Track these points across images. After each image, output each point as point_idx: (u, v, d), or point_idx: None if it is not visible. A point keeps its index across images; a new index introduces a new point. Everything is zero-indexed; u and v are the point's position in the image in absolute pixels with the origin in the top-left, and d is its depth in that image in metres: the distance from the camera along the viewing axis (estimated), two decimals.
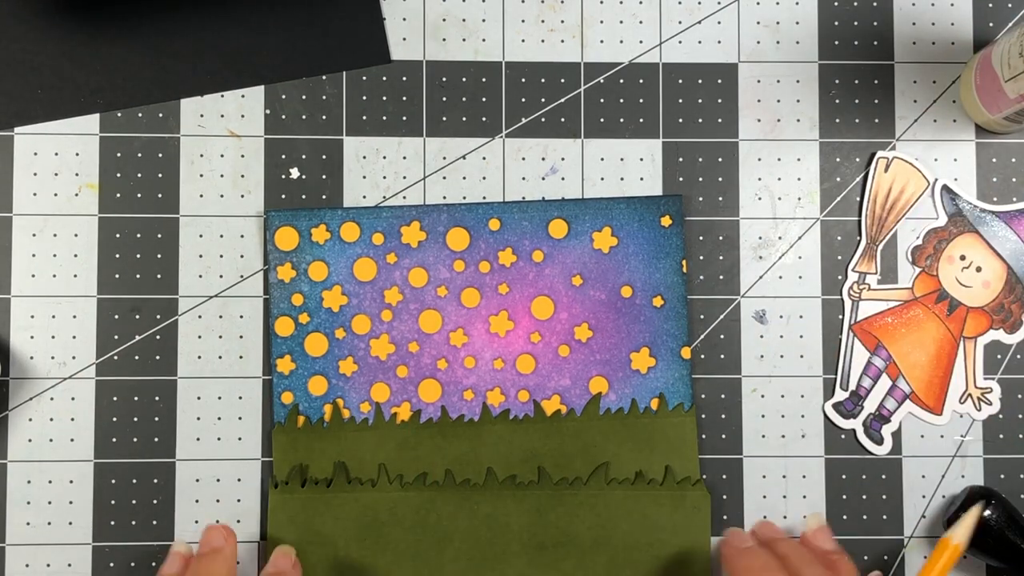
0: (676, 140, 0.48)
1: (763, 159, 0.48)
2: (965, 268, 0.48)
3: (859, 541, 0.47)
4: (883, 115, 0.49)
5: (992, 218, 0.48)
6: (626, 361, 0.47)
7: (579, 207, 0.47)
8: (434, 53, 0.48)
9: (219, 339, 0.47)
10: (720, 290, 0.48)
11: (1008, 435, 0.48)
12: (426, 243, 0.47)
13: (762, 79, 0.49)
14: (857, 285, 0.48)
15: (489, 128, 0.48)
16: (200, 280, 0.47)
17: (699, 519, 0.46)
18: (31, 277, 0.47)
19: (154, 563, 0.46)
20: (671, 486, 0.46)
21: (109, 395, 0.47)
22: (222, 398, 0.47)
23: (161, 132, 0.47)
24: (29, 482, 0.46)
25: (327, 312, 0.47)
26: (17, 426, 0.46)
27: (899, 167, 0.48)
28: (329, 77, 0.48)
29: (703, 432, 0.47)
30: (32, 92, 0.47)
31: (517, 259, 0.47)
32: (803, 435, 0.48)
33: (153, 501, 0.47)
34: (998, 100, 0.45)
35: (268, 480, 0.47)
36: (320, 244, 0.47)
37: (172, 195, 0.47)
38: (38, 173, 0.47)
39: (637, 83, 0.48)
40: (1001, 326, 0.48)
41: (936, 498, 0.48)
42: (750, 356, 0.48)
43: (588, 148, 0.48)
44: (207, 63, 0.48)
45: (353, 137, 0.48)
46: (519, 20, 0.48)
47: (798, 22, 0.49)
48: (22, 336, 0.47)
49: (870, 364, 0.48)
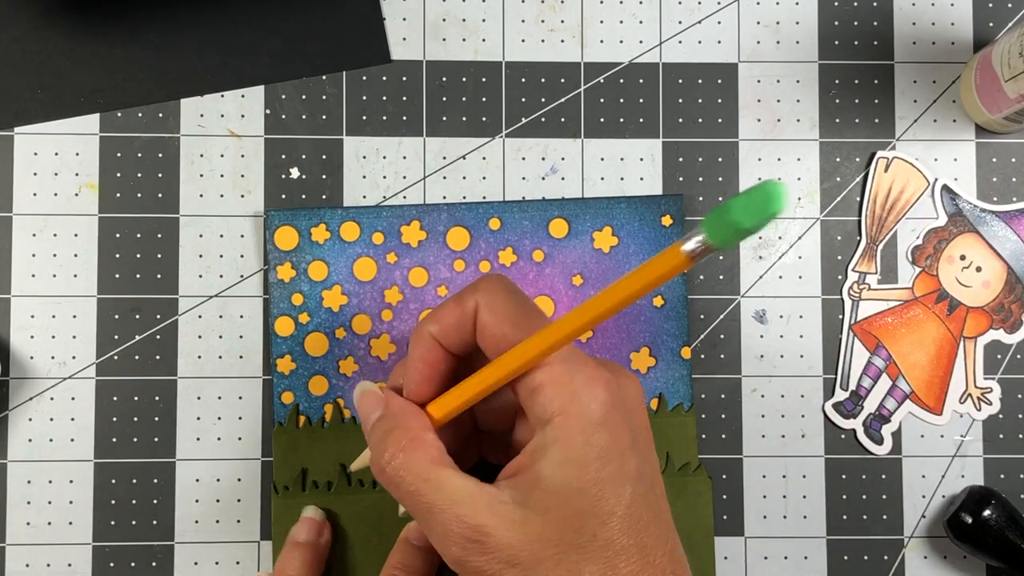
0: (676, 140, 0.48)
1: (763, 159, 0.48)
2: (965, 268, 0.48)
3: (859, 541, 0.47)
4: (883, 115, 0.49)
5: (992, 218, 0.48)
6: (626, 361, 0.47)
7: (579, 207, 0.47)
8: (434, 53, 0.48)
9: (219, 339, 0.47)
10: (720, 290, 0.48)
11: (1008, 435, 0.48)
12: (426, 243, 0.47)
13: (762, 79, 0.49)
14: (857, 285, 0.48)
15: (489, 128, 0.48)
16: (200, 280, 0.47)
17: (701, 505, 0.46)
18: (31, 277, 0.47)
19: (154, 563, 0.46)
20: (672, 473, 0.46)
21: (109, 395, 0.47)
22: (222, 398, 0.47)
23: (161, 132, 0.47)
24: (29, 482, 0.46)
25: (327, 312, 0.47)
26: (17, 426, 0.46)
27: (899, 167, 0.48)
28: (329, 77, 0.48)
29: (703, 432, 0.47)
30: (32, 92, 0.47)
31: (517, 259, 0.47)
32: (803, 435, 0.48)
33: (153, 501, 0.47)
34: (998, 100, 0.45)
35: (268, 480, 0.47)
36: (320, 244, 0.47)
37: (172, 195, 0.47)
38: (38, 173, 0.47)
39: (637, 83, 0.48)
40: (1001, 326, 0.48)
41: (936, 498, 0.48)
42: (750, 356, 0.48)
43: (588, 148, 0.48)
44: (207, 63, 0.48)
45: (353, 137, 0.48)
46: (519, 20, 0.48)
47: (798, 22, 0.49)
48: (22, 336, 0.47)
49: (870, 364, 0.48)
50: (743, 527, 0.47)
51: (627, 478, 0.32)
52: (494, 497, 0.33)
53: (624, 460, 0.32)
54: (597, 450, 0.32)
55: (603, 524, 0.32)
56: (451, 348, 0.36)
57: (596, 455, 0.32)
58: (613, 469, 0.32)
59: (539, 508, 0.32)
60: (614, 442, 0.32)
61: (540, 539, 0.32)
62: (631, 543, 0.32)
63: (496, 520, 0.32)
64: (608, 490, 0.32)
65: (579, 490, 0.32)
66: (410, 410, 0.36)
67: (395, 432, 0.35)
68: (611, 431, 0.32)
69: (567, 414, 0.32)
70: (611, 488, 0.32)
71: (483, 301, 0.34)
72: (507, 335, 0.34)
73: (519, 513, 0.32)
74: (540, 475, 0.32)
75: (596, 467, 0.32)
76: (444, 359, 0.36)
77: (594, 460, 0.32)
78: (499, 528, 0.32)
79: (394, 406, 0.36)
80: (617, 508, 0.32)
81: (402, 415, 0.35)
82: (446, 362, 0.36)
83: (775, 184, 0.26)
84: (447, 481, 0.33)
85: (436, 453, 0.34)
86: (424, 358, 0.36)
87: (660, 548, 0.32)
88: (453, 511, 0.32)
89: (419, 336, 0.36)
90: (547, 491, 0.32)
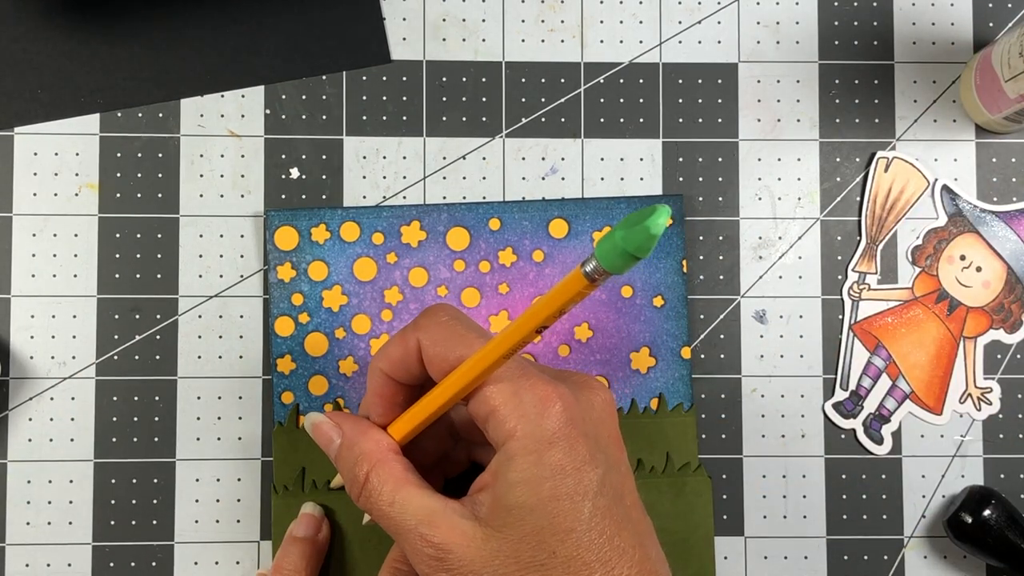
0: (676, 140, 0.48)
1: (763, 159, 0.48)
2: (965, 268, 0.48)
3: (859, 541, 0.47)
4: (883, 115, 0.49)
5: (992, 218, 0.48)
6: (626, 361, 0.47)
7: (579, 207, 0.47)
8: (434, 53, 0.48)
9: (219, 339, 0.47)
10: (720, 290, 0.48)
11: (1008, 435, 0.48)
12: (426, 243, 0.47)
13: (762, 79, 0.49)
14: (857, 285, 0.48)
15: (489, 128, 0.48)
16: (200, 280, 0.47)
17: (701, 505, 0.46)
18: (31, 277, 0.47)
19: (154, 563, 0.46)
20: (672, 473, 0.46)
21: (109, 395, 0.47)
22: (222, 398, 0.47)
23: (161, 132, 0.47)
24: (29, 482, 0.46)
25: (327, 312, 0.47)
26: (17, 426, 0.46)
27: (899, 167, 0.48)
28: (329, 77, 0.48)
29: (703, 432, 0.47)
30: (32, 92, 0.47)
31: (517, 259, 0.47)
32: (803, 435, 0.48)
33: (153, 501, 0.47)
34: (998, 100, 0.45)
35: (268, 480, 0.47)
36: (320, 244, 0.47)
37: (172, 195, 0.47)
38: (38, 173, 0.47)
39: (637, 83, 0.48)
40: (1001, 326, 0.48)
41: (936, 498, 0.48)
42: (750, 356, 0.48)
43: (588, 148, 0.48)
44: (207, 63, 0.48)
45: (353, 137, 0.48)
46: (519, 20, 0.48)
47: (798, 22, 0.49)
48: (22, 336, 0.47)
49: (870, 364, 0.48)
50: (743, 527, 0.47)
51: (586, 493, 0.33)
52: (457, 515, 0.34)
53: (581, 475, 0.33)
54: (551, 468, 0.32)
55: (562, 541, 0.32)
56: (402, 381, 0.37)
57: (550, 473, 0.32)
58: (569, 485, 0.33)
59: (498, 526, 0.33)
60: (569, 458, 0.33)
61: (500, 557, 0.32)
62: (593, 558, 0.32)
63: (456, 538, 0.33)
64: (565, 507, 0.32)
65: (534, 509, 0.32)
66: (367, 433, 0.37)
67: (359, 462, 0.36)
68: (565, 447, 0.33)
69: (518, 435, 0.33)
70: (568, 504, 0.32)
71: (423, 336, 0.36)
72: (450, 361, 0.35)
73: (480, 531, 0.33)
74: (498, 494, 0.33)
75: (550, 485, 0.32)
76: (399, 390, 0.37)
77: (548, 478, 0.32)
78: (459, 546, 0.33)
79: (351, 433, 0.37)
80: (576, 524, 0.32)
81: (361, 440, 0.37)
82: (402, 393, 0.38)
83: (655, 208, 0.27)
84: (411, 501, 0.34)
85: (400, 473, 0.35)
86: (379, 392, 0.38)
87: (626, 560, 0.33)
88: (417, 530, 0.34)
89: (372, 372, 0.38)
90: (506, 509, 0.33)
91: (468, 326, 0.35)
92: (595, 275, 0.29)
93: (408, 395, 0.38)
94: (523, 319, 0.32)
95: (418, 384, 0.38)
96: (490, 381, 0.34)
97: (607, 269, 0.29)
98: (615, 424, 0.36)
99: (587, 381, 0.36)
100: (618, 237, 0.28)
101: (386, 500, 0.35)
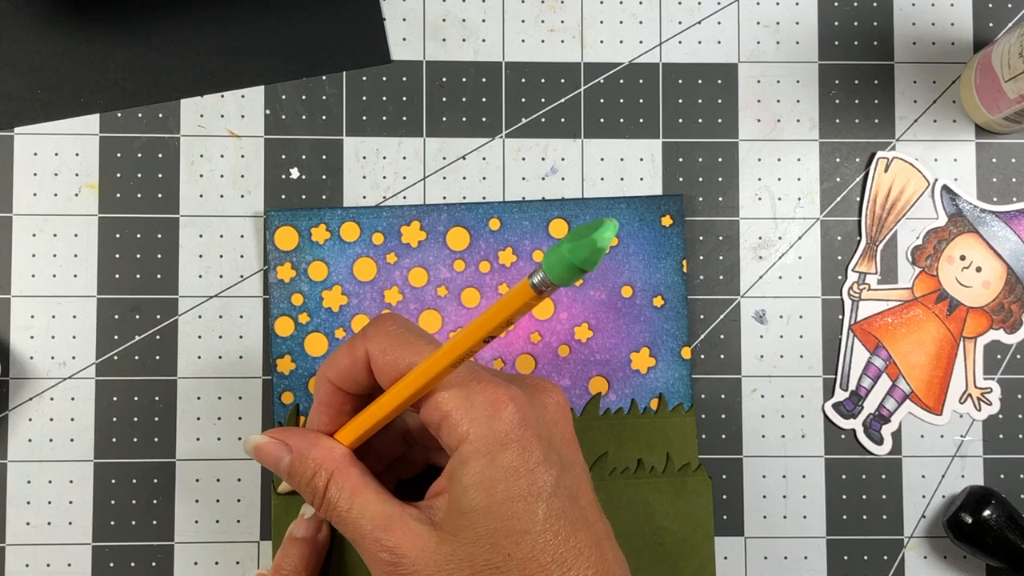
0: (676, 140, 0.48)
1: (763, 159, 0.48)
2: (965, 268, 0.48)
3: (859, 541, 0.47)
4: (883, 115, 0.49)
5: (992, 218, 0.48)
6: (626, 361, 0.47)
7: (579, 207, 0.47)
8: (434, 53, 0.48)
9: (219, 339, 0.47)
10: (720, 290, 0.48)
11: (1008, 435, 0.48)
12: (426, 243, 0.47)
13: (762, 79, 0.49)
14: (857, 285, 0.48)
15: (489, 128, 0.48)
16: (200, 280, 0.47)
17: (701, 505, 0.46)
18: (31, 277, 0.47)
19: (154, 563, 0.46)
20: (672, 473, 0.46)
21: (109, 395, 0.47)
22: (222, 398, 0.47)
23: (161, 132, 0.47)
24: (29, 482, 0.46)
25: (327, 312, 0.47)
26: (17, 426, 0.46)
27: (899, 167, 0.48)
28: (329, 77, 0.48)
29: (703, 432, 0.47)
30: (32, 92, 0.47)
31: (517, 259, 0.47)
32: (803, 435, 0.48)
33: (153, 501, 0.47)
34: (998, 100, 0.45)
35: (268, 480, 0.47)
36: (320, 244, 0.47)
37: (172, 195, 0.47)
38: (38, 173, 0.47)
39: (637, 83, 0.48)
40: (1001, 326, 0.48)
41: (936, 498, 0.48)
42: (750, 356, 0.48)
43: (588, 148, 0.48)
44: (207, 63, 0.48)
45: (353, 137, 0.48)
46: (519, 20, 0.48)
47: (798, 22, 0.49)
48: (22, 336, 0.47)
49: (870, 364, 0.48)
50: (743, 527, 0.47)
51: (540, 494, 0.33)
52: (412, 519, 0.34)
53: (534, 477, 0.33)
54: (504, 470, 0.33)
55: (516, 544, 0.32)
56: (349, 391, 0.37)
57: (503, 475, 0.33)
58: (523, 487, 0.33)
59: (453, 530, 0.33)
60: (522, 460, 0.33)
61: (455, 561, 0.33)
62: (549, 559, 0.32)
63: (410, 542, 0.33)
64: (519, 508, 0.32)
65: (488, 511, 0.32)
66: (317, 443, 0.37)
67: (317, 472, 0.36)
68: (518, 449, 0.33)
69: (471, 438, 0.33)
70: (522, 506, 0.32)
71: (372, 346, 0.36)
72: (400, 369, 0.35)
73: (434, 535, 0.33)
74: (453, 497, 0.33)
75: (504, 487, 0.32)
76: (346, 400, 0.38)
77: (501, 480, 0.32)
78: (413, 550, 0.33)
79: (300, 445, 0.37)
80: (530, 526, 0.32)
81: (312, 451, 0.37)
82: (349, 402, 0.38)
83: (603, 222, 0.28)
84: (366, 507, 0.34)
85: (357, 478, 0.36)
86: (326, 402, 0.38)
87: (582, 560, 0.33)
88: (373, 535, 0.34)
89: (318, 382, 0.38)
90: (460, 513, 0.33)
91: (417, 334, 0.36)
92: (542, 287, 0.30)
93: (355, 404, 0.38)
94: (471, 328, 0.32)
95: (365, 394, 0.38)
96: (441, 387, 0.34)
97: (554, 281, 0.29)
98: (569, 425, 0.36)
99: (540, 383, 0.37)
100: (565, 250, 0.28)
101: (343, 506, 0.35)
